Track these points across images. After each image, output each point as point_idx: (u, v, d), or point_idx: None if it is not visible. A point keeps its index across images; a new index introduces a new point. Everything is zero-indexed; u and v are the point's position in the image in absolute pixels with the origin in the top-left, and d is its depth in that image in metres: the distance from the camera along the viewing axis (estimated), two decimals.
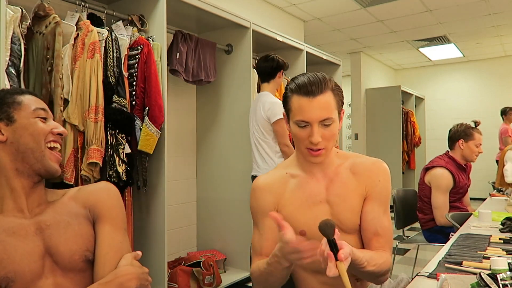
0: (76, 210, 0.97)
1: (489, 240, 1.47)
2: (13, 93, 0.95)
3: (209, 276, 2.59)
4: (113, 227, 0.98)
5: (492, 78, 6.83)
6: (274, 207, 1.16)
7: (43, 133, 0.94)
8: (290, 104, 1.12)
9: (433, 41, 5.74)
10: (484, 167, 6.02)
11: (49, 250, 0.91)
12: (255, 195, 1.19)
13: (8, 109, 0.92)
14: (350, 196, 1.18)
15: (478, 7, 4.33)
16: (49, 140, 0.95)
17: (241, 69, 2.89)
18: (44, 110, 0.96)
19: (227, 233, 2.97)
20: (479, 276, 0.92)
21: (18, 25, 1.64)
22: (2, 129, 0.91)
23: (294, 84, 1.12)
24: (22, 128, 0.91)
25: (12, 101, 0.93)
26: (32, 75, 1.77)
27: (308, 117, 1.07)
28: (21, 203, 0.92)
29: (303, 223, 1.10)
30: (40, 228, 0.92)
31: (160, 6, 2.19)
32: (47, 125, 0.96)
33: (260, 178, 1.21)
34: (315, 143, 1.07)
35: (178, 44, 2.54)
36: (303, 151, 1.13)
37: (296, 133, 1.12)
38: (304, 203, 1.16)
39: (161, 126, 2.13)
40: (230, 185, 2.94)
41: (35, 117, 0.94)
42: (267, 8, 4.01)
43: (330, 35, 5.25)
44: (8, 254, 0.85)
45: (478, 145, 2.58)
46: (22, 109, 0.93)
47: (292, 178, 1.19)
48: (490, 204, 2.48)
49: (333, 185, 1.18)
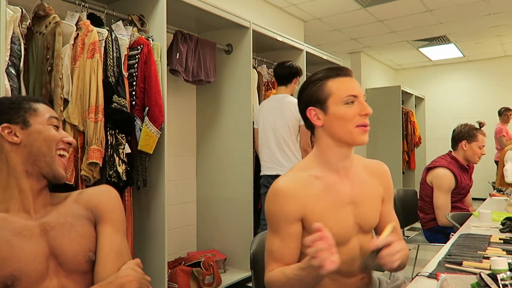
0: (79, 211, 1.00)
1: (489, 240, 1.47)
2: (29, 100, 1.02)
3: (209, 276, 2.59)
4: (114, 229, 1.01)
5: (492, 78, 6.83)
6: (300, 213, 1.10)
7: (55, 139, 1.00)
8: (327, 89, 1.12)
9: (433, 41, 5.74)
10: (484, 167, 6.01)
11: (54, 252, 0.93)
12: (278, 200, 1.10)
13: (25, 114, 0.98)
14: (371, 197, 1.20)
15: (478, 7, 4.33)
16: (60, 148, 1.01)
17: (241, 69, 2.89)
18: (57, 119, 1.03)
19: (227, 233, 2.96)
20: (479, 276, 0.92)
21: (18, 25, 1.64)
22: (17, 132, 0.96)
23: (325, 72, 1.15)
24: (36, 132, 0.98)
25: (29, 107, 0.99)
26: (32, 75, 1.77)
27: (356, 91, 1.12)
28: (28, 204, 0.96)
29: (331, 225, 1.07)
30: (45, 230, 0.94)
31: (160, 6, 2.19)
32: (59, 133, 1.02)
33: (283, 182, 1.12)
34: (369, 113, 1.10)
35: (178, 44, 2.54)
36: (352, 132, 1.11)
37: (344, 113, 1.10)
38: (332, 205, 1.13)
39: (161, 126, 2.13)
40: (230, 185, 2.94)
41: (49, 124, 1.00)
42: (267, 8, 4.01)
43: (330, 35, 5.25)
44: (13, 253, 0.87)
45: (481, 147, 2.57)
46: (37, 115, 1.00)
47: (316, 180, 1.14)
48: (490, 204, 2.48)
49: (356, 185, 1.18)
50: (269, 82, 3.18)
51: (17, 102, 1.00)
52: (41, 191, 0.98)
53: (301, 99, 1.19)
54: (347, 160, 1.17)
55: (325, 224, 1.06)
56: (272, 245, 1.12)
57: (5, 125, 0.97)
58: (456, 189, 2.54)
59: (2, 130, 0.96)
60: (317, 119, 1.14)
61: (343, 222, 1.12)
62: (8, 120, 0.97)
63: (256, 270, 1.27)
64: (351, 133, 1.11)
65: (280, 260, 1.10)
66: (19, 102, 1.00)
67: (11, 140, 0.95)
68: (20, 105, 0.99)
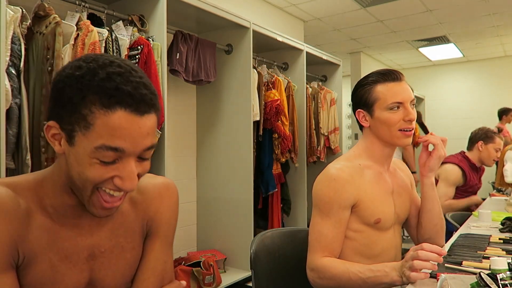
0: (134, 226, 0.83)
1: (489, 240, 1.48)
2: (104, 96, 0.67)
3: (209, 276, 2.59)
4: (162, 245, 0.87)
5: (492, 78, 6.83)
6: (355, 198, 1.18)
7: (91, 180, 0.69)
8: (374, 94, 1.20)
9: (433, 41, 5.74)
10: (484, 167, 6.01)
11: (94, 282, 0.79)
12: (335, 186, 1.17)
13: (75, 123, 0.66)
14: (406, 189, 1.33)
15: (478, 7, 4.32)
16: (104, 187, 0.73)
17: (241, 69, 2.89)
18: (115, 151, 0.66)
19: (227, 233, 2.96)
20: (479, 276, 0.92)
21: (18, 25, 1.64)
22: (64, 140, 0.68)
23: (375, 75, 1.22)
24: (74, 158, 0.69)
25: (85, 115, 0.65)
26: (32, 75, 1.77)
27: (402, 98, 1.18)
28: (82, 215, 0.76)
29: (380, 211, 1.20)
30: (93, 255, 0.78)
31: (160, 6, 2.19)
32: (105, 172, 0.69)
33: (339, 169, 1.19)
34: (413, 119, 1.17)
35: (178, 44, 2.54)
36: (395, 135, 1.20)
37: (387, 119, 1.19)
38: (381, 192, 1.23)
39: (161, 126, 2.13)
40: (230, 185, 2.94)
41: (94, 157, 0.67)
42: (267, 8, 4.01)
43: (330, 35, 5.25)
44: (53, 281, 0.73)
45: (498, 150, 2.60)
46: (87, 135, 0.67)
47: (367, 169, 1.24)
48: (490, 204, 2.48)
49: (394, 178, 1.30)
50: (269, 82, 3.18)
51: (87, 88, 0.64)
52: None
53: (352, 100, 1.29)
54: (390, 157, 1.29)
55: (374, 210, 1.20)
56: (322, 229, 1.17)
57: (52, 123, 0.68)
58: (463, 186, 2.56)
59: (47, 129, 0.69)
60: (365, 121, 1.25)
61: (389, 209, 1.23)
62: (60, 118, 0.67)
63: (256, 270, 1.27)
64: (394, 137, 1.20)
65: (330, 245, 1.16)
66: (88, 90, 0.64)
67: (53, 146, 0.69)
68: (80, 103, 0.64)
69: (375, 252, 1.22)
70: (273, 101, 3.04)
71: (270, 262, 1.33)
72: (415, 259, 0.95)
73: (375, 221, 1.18)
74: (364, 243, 1.21)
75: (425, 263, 0.95)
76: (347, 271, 1.09)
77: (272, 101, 3.04)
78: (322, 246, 1.16)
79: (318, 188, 1.20)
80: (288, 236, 1.41)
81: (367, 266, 1.08)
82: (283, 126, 3.13)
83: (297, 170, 3.45)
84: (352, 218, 1.20)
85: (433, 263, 0.96)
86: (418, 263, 0.94)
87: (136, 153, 0.68)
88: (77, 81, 0.64)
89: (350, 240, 1.21)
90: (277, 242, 1.38)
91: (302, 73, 3.54)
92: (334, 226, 1.17)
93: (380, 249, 1.22)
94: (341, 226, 1.17)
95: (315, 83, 3.92)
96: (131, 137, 0.65)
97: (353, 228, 1.21)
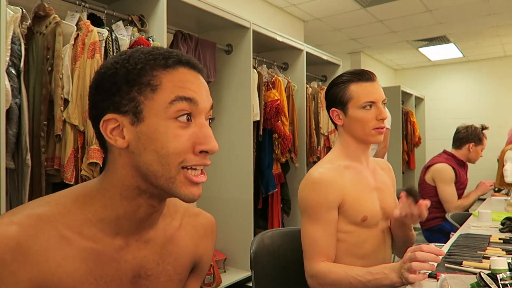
0: (184, 259, 0.76)
1: (489, 240, 1.47)
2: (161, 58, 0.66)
3: (209, 276, 2.59)
4: (198, 282, 0.84)
5: (492, 78, 6.83)
6: (340, 199, 1.20)
7: (176, 152, 0.64)
8: (348, 93, 1.23)
9: (433, 41, 5.74)
10: (484, 167, 6.01)
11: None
12: (320, 188, 1.19)
13: (138, 96, 0.63)
14: (388, 185, 1.34)
15: (478, 7, 4.33)
16: (188, 165, 0.69)
17: (241, 69, 2.89)
18: (192, 101, 0.65)
19: (227, 233, 2.96)
20: (479, 276, 0.92)
21: (18, 25, 1.64)
22: (125, 128, 0.63)
23: (349, 75, 1.24)
24: (147, 135, 0.64)
25: (148, 80, 0.64)
26: (32, 75, 1.77)
27: (375, 97, 1.22)
28: (130, 230, 0.68)
29: (364, 210, 1.21)
30: (138, 277, 0.69)
31: (160, 6, 2.19)
32: (191, 136, 0.65)
33: (321, 172, 1.21)
34: (385, 118, 1.21)
35: (178, 44, 2.54)
36: (368, 133, 1.23)
37: (361, 117, 1.22)
38: (363, 191, 1.24)
39: None
40: (230, 185, 2.94)
41: (174, 116, 0.63)
42: (267, 8, 4.01)
43: (330, 35, 5.25)
44: None
45: (483, 149, 2.72)
46: (156, 97, 0.64)
47: (346, 169, 1.25)
48: (490, 204, 2.48)
49: (376, 173, 1.32)
50: (269, 82, 3.18)
51: (140, 62, 0.62)
52: (153, 213, 0.69)
53: (326, 99, 1.31)
54: (366, 152, 1.30)
55: (360, 207, 1.21)
56: (314, 234, 1.18)
57: (108, 116, 0.62)
58: (456, 183, 2.58)
59: (103, 126, 0.62)
60: (339, 119, 1.28)
61: (373, 206, 1.25)
62: (115, 105, 0.62)
63: (256, 270, 1.27)
64: (368, 134, 1.23)
65: (325, 249, 1.18)
66: (142, 63, 0.62)
67: (114, 143, 0.62)
68: (139, 75, 0.61)
69: (366, 251, 1.23)
70: (273, 101, 3.04)
71: (270, 262, 1.33)
72: (413, 260, 0.95)
73: (362, 219, 1.20)
74: (354, 243, 1.22)
75: (423, 264, 0.95)
76: (346, 275, 1.10)
77: (272, 101, 3.04)
78: (318, 251, 1.17)
79: (304, 193, 1.22)
80: (288, 236, 1.41)
81: (366, 269, 1.08)
82: (283, 126, 3.13)
83: (297, 170, 3.45)
84: (340, 220, 1.21)
85: (431, 264, 0.96)
86: (416, 265, 0.94)
87: (206, 109, 0.67)
88: (127, 61, 0.63)
89: (340, 242, 1.22)
90: (277, 242, 1.37)
91: (302, 73, 3.54)
92: (324, 229, 1.18)
93: (370, 247, 1.23)
94: (331, 228, 1.19)
95: (315, 83, 3.92)
96: (199, 90, 0.66)
97: (342, 229, 1.22)
